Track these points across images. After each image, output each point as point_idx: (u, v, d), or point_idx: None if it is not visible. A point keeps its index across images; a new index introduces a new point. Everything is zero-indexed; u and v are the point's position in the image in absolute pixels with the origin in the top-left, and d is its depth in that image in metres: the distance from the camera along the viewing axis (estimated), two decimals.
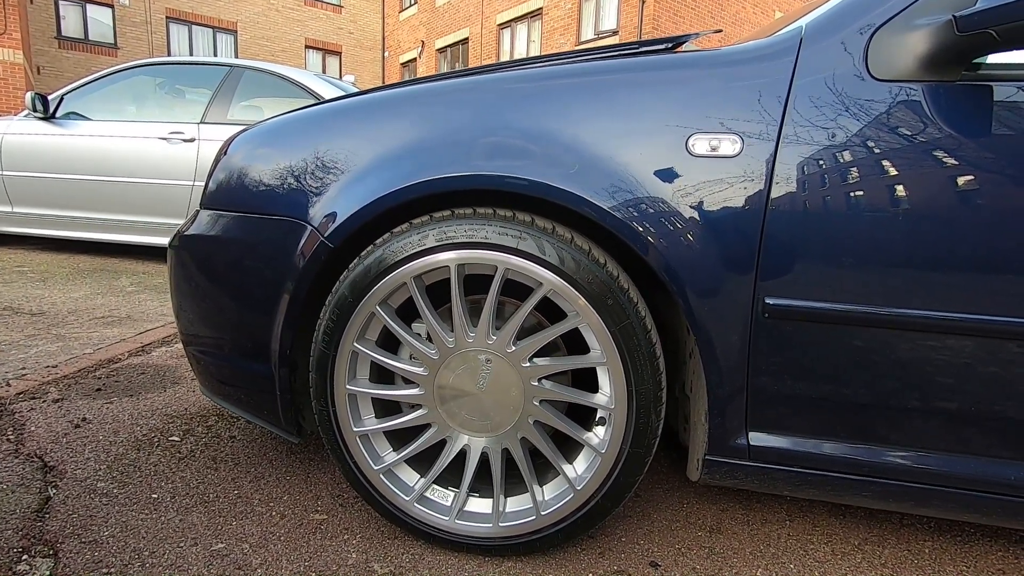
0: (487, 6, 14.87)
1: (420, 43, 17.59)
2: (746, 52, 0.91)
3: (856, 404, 0.90)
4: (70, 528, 1.09)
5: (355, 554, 1.07)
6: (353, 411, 1.06)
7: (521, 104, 0.97)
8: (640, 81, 0.93)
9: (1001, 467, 0.89)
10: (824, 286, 0.86)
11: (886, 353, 0.87)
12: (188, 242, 1.19)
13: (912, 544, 1.17)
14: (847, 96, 0.85)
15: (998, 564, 1.12)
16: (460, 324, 0.98)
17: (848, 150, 0.84)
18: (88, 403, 1.65)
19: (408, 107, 1.04)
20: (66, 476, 1.27)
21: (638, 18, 11.04)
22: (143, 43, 14.12)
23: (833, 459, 0.93)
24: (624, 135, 0.91)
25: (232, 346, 1.15)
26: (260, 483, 1.28)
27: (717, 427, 0.95)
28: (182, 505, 1.18)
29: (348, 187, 1.02)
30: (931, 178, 0.82)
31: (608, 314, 0.92)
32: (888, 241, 0.83)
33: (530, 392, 0.99)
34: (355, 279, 0.99)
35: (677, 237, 0.89)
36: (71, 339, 2.20)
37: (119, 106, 3.84)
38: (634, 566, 1.07)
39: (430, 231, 0.96)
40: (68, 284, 3.12)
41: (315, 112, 1.13)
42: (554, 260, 0.92)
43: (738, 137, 0.87)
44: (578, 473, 1.01)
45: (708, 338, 0.91)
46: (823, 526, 1.22)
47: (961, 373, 0.85)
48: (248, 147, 1.16)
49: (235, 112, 3.66)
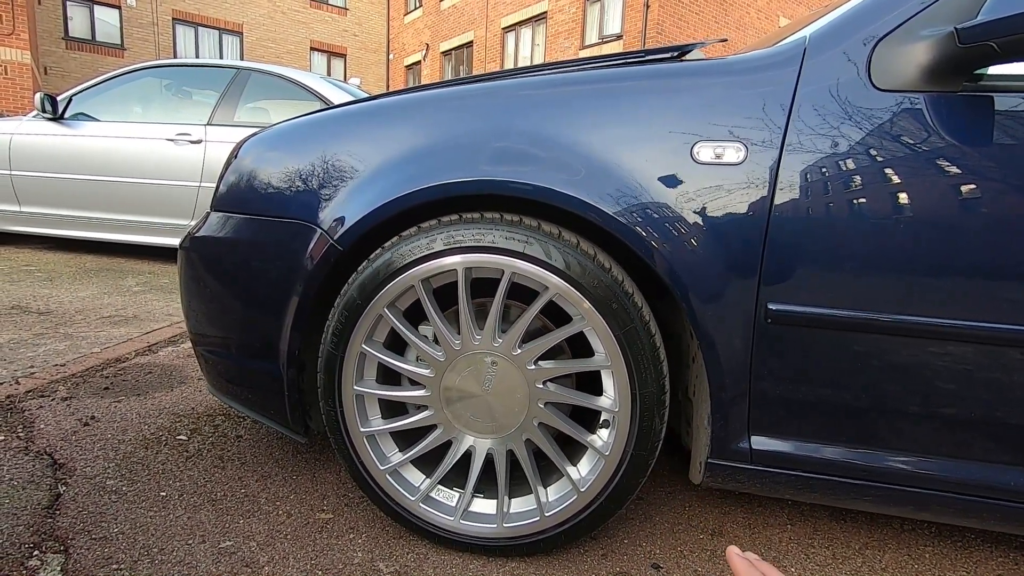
0: (492, 9, 14.93)
1: (424, 46, 17.66)
2: (751, 61, 0.93)
3: (856, 408, 0.91)
4: (80, 524, 1.10)
5: (361, 553, 1.08)
6: (360, 411, 1.08)
7: (528, 111, 0.98)
8: (646, 89, 0.95)
9: (1000, 472, 0.90)
10: (826, 292, 0.87)
11: (886, 358, 0.88)
12: (199, 243, 1.20)
13: (913, 549, 1.18)
14: (850, 105, 0.86)
15: (998, 570, 1.12)
16: (466, 327, 1.00)
17: (850, 158, 0.85)
18: (96, 401, 1.66)
19: (417, 113, 1.06)
20: (75, 473, 1.28)
21: (642, 23, 11.07)
22: (149, 44, 14.21)
23: (834, 463, 0.94)
24: (630, 142, 0.93)
25: (241, 346, 1.17)
26: (267, 482, 1.30)
27: (720, 431, 0.97)
28: (190, 503, 1.20)
29: (357, 191, 1.04)
30: (932, 186, 0.83)
31: (613, 318, 0.93)
32: (889, 248, 0.84)
33: (535, 394, 1.00)
34: (364, 282, 1.01)
35: (681, 243, 0.90)
36: (79, 338, 2.22)
37: (127, 107, 3.87)
38: (636, 567, 1.08)
39: (438, 235, 0.97)
40: (75, 283, 3.14)
41: (325, 116, 1.15)
42: (560, 264, 0.94)
43: (742, 145, 0.89)
44: (582, 475, 1.03)
45: (711, 342, 0.92)
46: (824, 530, 1.23)
47: (961, 379, 0.87)
48: (259, 150, 1.18)
49: (242, 114, 3.69)
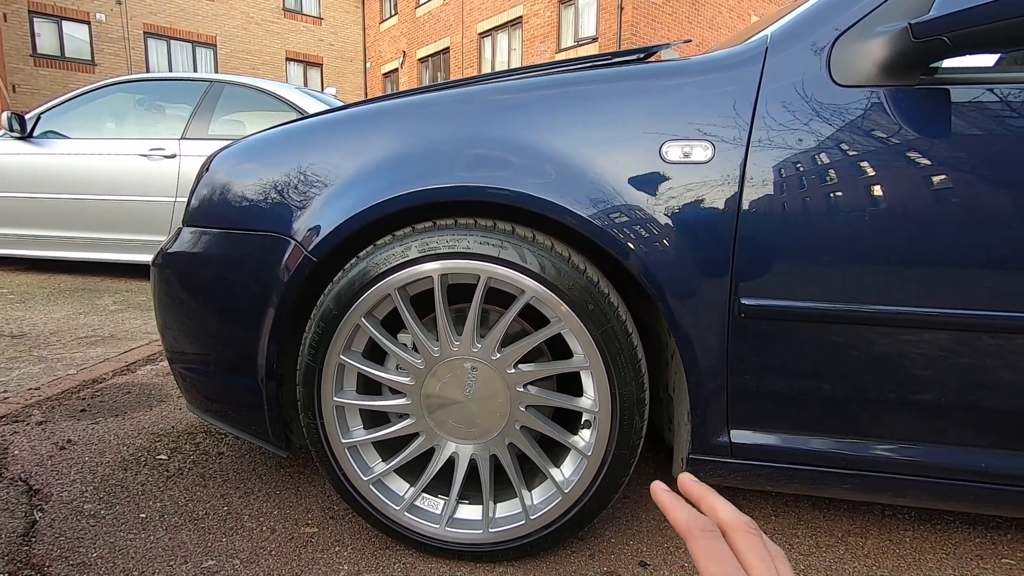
0: (468, 15, 14.97)
1: (401, 53, 17.64)
2: (715, 61, 0.94)
3: (831, 399, 0.93)
4: (57, 551, 1.08)
5: (347, 566, 1.07)
6: (341, 423, 1.07)
7: (500, 116, 0.99)
8: (613, 91, 0.96)
9: (972, 456, 0.92)
10: (796, 285, 0.89)
11: (858, 348, 0.89)
12: (171, 260, 1.19)
13: (893, 534, 1.20)
14: (812, 101, 0.88)
15: (976, 550, 1.15)
16: (445, 333, 1.00)
17: (814, 153, 0.87)
18: (73, 424, 1.63)
19: (390, 120, 1.06)
20: (52, 499, 1.25)
21: (617, 25, 11.17)
22: (121, 59, 14.01)
23: (812, 453, 0.95)
24: (600, 144, 0.94)
25: (218, 362, 1.16)
26: (250, 499, 1.28)
27: (699, 426, 0.98)
28: (171, 524, 1.18)
29: (331, 201, 1.03)
30: (893, 178, 0.85)
31: (590, 319, 0.94)
32: (855, 240, 0.86)
33: (516, 398, 1.00)
34: (340, 292, 1.00)
35: (655, 242, 0.91)
36: (54, 360, 2.17)
37: (98, 124, 3.81)
38: (624, 566, 1.08)
39: (412, 242, 0.97)
40: (49, 304, 3.08)
41: (298, 127, 1.14)
42: (535, 268, 0.94)
43: (710, 143, 0.90)
44: (565, 476, 1.03)
45: (688, 339, 0.93)
46: (807, 520, 1.24)
47: (930, 365, 0.88)
48: (231, 163, 1.17)
49: (216, 127, 3.65)
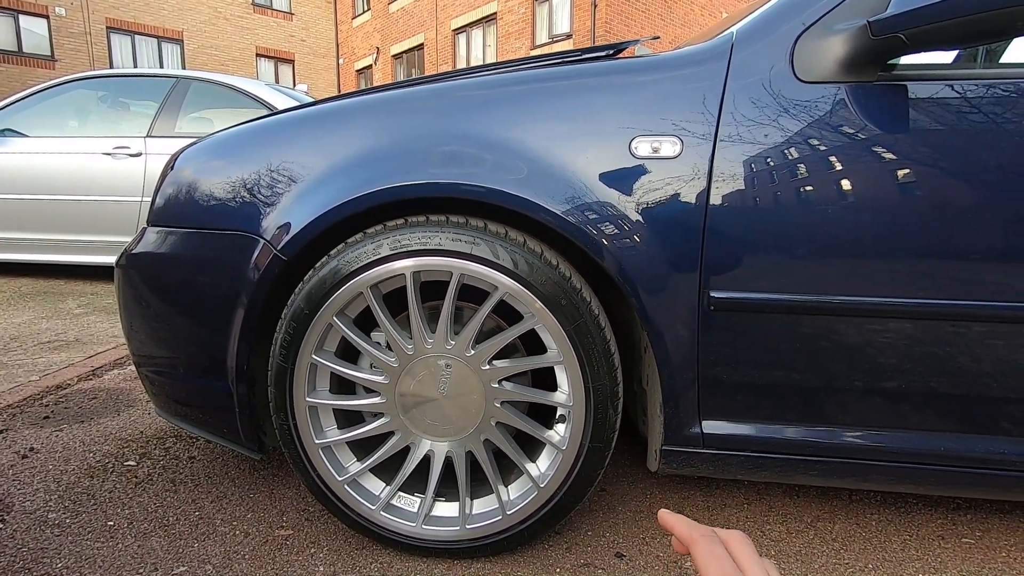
0: (441, 11, 14.86)
1: (375, 50, 17.43)
2: (682, 57, 0.95)
3: (799, 388, 0.95)
4: (20, 563, 1.05)
5: (323, 567, 1.06)
6: (314, 423, 1.06)
7: (472, 112, 0.99)
8: (583, 87, 0.96)
9: (933, 440, 0.95)
10: (763, 278, 0.90)
11: (824, 338, 0.92)
12: (136, 260, 1.16)
13: (860, 518, 1.23)
14: (776, 97, 0.90)
15: (938, 531, 1.19)
16: (418, 331, 0.99)
17: (779, 148, 0.89)
18: (35, 432, 1.58)
19: (361, 117, 1.05)
20: (14, 509, 1.21)
21: (591, 21, 11.22)
22: (83, 55, 13.54)
23: (781, 442, 0.98)
24: (571, 140, 0.94)
25: (187, 365, 1.13)
26: (222, 503, 1.26)
27: (672, 418, 0.99)
28: (140, 531, 1.15)
29: (301, 199, 1.02)
30: (855, 172, 0.87)
31: (563, 314, 0.94)
32: (820, 233, 0.88)
33: (491, 394, 1.00)
34: (310, 291, 0.99)
35: (626, 237, 0.92)
36: (14, 367, 2.10)
37: (59, 121, 3.68)
38: (600, 558, 1.09)
39: (384, 240, 0.97)
40: (9, 309, 2.97)
41: (267, 123, 1.12)
42: (508, 264, 0.94)
43: (678, 139, 0.91)
44: (541, 471, 1.03)
45: (659, 333, 0.95)
46: (778, 507, 1.27)
47: (895, 354, 0.91)
48: (197, 161, 1.14)
49: (183, 125, 3.56)
